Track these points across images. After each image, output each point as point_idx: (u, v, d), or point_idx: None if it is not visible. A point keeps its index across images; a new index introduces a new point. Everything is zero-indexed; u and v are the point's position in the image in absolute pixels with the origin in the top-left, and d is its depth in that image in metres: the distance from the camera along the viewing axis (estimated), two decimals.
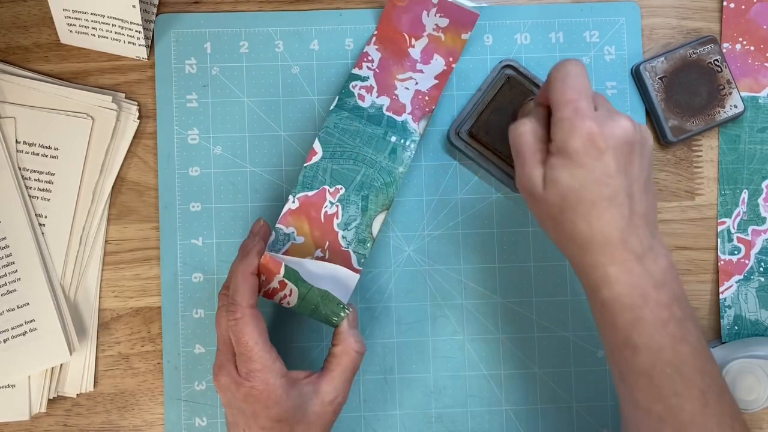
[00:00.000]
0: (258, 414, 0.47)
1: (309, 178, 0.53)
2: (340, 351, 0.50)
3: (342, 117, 0.54)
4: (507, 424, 0.58)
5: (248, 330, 0.47)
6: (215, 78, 0.58)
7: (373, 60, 0.56)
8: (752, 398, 0.55)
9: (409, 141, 0.54)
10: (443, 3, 0.56)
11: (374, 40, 0.57)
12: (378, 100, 0.55)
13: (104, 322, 0.58)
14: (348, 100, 0.54)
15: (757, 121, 0.60)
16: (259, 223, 0.53)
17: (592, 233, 0.44)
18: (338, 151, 0.53)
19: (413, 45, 0.57)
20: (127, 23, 0.54)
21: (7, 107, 0.56)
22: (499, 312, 0.58)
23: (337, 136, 0.54)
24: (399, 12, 0.56)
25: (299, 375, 0.49)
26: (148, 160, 0.58)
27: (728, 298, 0.59)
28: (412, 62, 0.57)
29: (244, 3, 0.59)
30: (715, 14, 0.60)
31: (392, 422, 0.58)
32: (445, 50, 0.57)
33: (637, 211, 0.45)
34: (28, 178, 0.56)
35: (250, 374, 0.47)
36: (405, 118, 0.55)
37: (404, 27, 0.57)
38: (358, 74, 0.55)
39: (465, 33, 0.57)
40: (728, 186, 0.60)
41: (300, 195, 0.53)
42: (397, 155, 0.54)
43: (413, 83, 0.56)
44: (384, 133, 0.54)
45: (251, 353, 0.47)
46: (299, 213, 0.53)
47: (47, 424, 0.57)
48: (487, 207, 0.59)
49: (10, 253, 0.55)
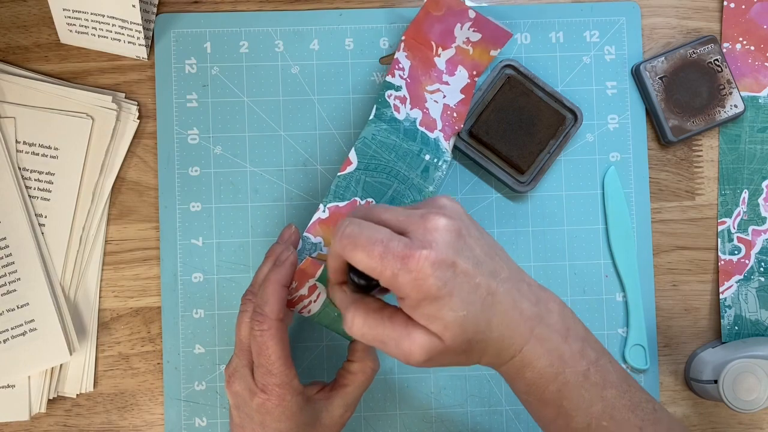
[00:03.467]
0: (267, 425, 0.47)
1: (341, 188, 0.52)
2: (358, 369, 0.50)
3: (380, 129, 0.53)
4: (507, 424, 0.58)
5: (273, 343, 0.46)
6: (215, 78, 0.58)
7: (404, 68, 0.55)
8: (752, 398, 0.55)
9: (442, 161, 0.54)
10: (479, 18, 0.55)
11: (403, 47, 0.56)
12: (411, 113, 0.54)
13: (104, 322, 0.58)
14: (385, 111, 0.53)
15: (757, 121, 0.60)
16: (290, 230, 0.52)
17: (500, 332, 0.42)
18: (373, 164, 0.52)
19: (439, 54, 0.56)
20: (127, 23, 0.54)
21: (7, 107, 0.56)
22: None
23: (373, 147, 0.52)
24: (432, 20, 0.55)
25: (312, 391, 0.49)
26: (148, 160, 0.58)
27: (728, 298, 0.59)
28: (438, 72, 0.56)
29: (244, 3, 0.59)
30: (715, 14, 0.60)
31: (392, 422, 0.58)
32: (471, 63, 0.56)
33: (506, 277, 0.42)
34: (28, 178, 0.56)
35: (267, 387, 0.46)
36: (437, 135, 0.54)
37: (434, 36, 0.56)
38: (392, 83, 0.54)
39: (494, 50, 0.56)
40: (728, 186, 0.60)
41: (331, 205, 0.51)
42: (429, 174, 0.53)
43: (441, 96, 0.55)
44: (419, 150, 0.53)
45: (273, 367, 0.46)
46: (328, 223, 0.51)
47: (47, 424, 0.57)
48: (487, 207, 0.59)
49: (10, 253, 0.55)
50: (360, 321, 0.42)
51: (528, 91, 0.57)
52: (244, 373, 0.47)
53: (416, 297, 0.39)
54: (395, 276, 0.39)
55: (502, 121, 0.57)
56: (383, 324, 0.41)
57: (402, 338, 0.41)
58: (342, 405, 0.49)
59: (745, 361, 0.55)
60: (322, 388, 0.50)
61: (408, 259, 0.39)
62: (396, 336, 0.41)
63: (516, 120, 0.57)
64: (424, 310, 0.40)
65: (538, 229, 0.59)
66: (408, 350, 0.41)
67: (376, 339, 0.41)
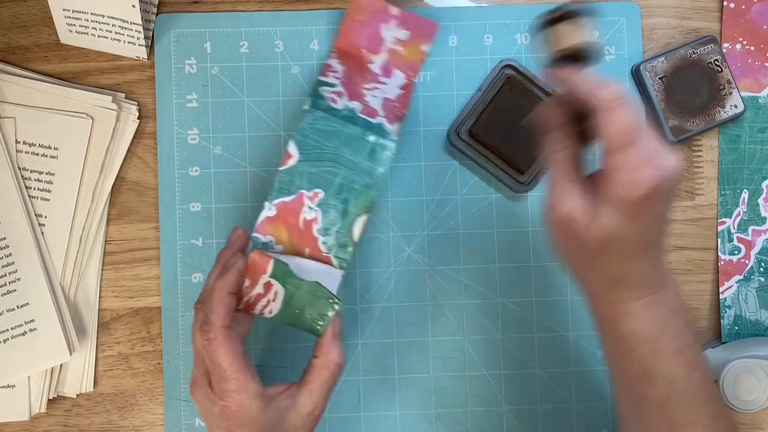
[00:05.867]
0: (232, 430, 0.47)
1: (285, 183, 0.51)
2: (320, 364, 0.49)
3: (317, 117, 0.51)
4: (507, 424, 0.58)
5: (222, 351, 0.46)
6: (215, 78, 0.58)
7: (337, 71, 0.55)
8: (752, 398, 0.55)
9: (388, 140, 0.52)
10: (404, 14, 0.55)
11: (335, 55, 0.56)
12: (350, 104, 0.53)
13: (104, 322, 0.58)
14: (321, 102, 0.52)
15: (757, 121, 0.60)
16: (237, 232, 0.51)
17: (623, 274, 0.44)
18: (315, 154, 0.51)
19: (372, 61, 0.56)
20: (127, 23, 0.54)
21: (7, 107, 0.56)
22: (499, 312, 0.58)
23: (313, 137, 0.51)
24: (357, 27, 0.55)
25: (276, 390, 0.48)
26: (148, 160, 0.58)
27: (728, 298, 0.59)
28: (373, 75, 0.56)
29: (244, 3, 0.59)
30: (715, 14, 0.60)
31: (392, 422, 0.58)
32: (405, 64, 0.56)
33: (663, 247, 0.44)
34: (28, 178, 0.56)
35: (225, 394, 0.46)
36: (379, 120, 0.53)
37: (363, 42, 0.55)
38: (325, 81, 0.54)
39: (425, 45, 0.56)
40: (728, 186, 0.60)
41: (277, 201, 0.51)
42: (376, 155, 0.52)
43: (380, 92, 0.55)
44: (362, 132, 0.52)
45: (225, 374, 0.46)
46: (277, 220, 0.51)
47: (47, 424, 0.57)
48: (487, 207, 0.59)
49: (10, 253, 0.55)
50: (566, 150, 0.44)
51: (528, 91, 0.57)
52: (202, 382, 0.48)
53: (618, 200, 0.41)
54: (629, 172, 0.40)
55: (502, 121, 0.57)
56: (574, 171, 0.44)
57: (572, 195, 0.43)
58: (309, 403, 0.48)
59: (745, 361, 0.55)
60: (288, 387, 0.49)
61: (643, 171, 0.40)
62: (569, 185, 0.43)
63: (516, 120, 0.57)
64: (609, 210, 0.41)
65: (538, 229, 0.59)
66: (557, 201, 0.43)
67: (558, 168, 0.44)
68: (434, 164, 0.59)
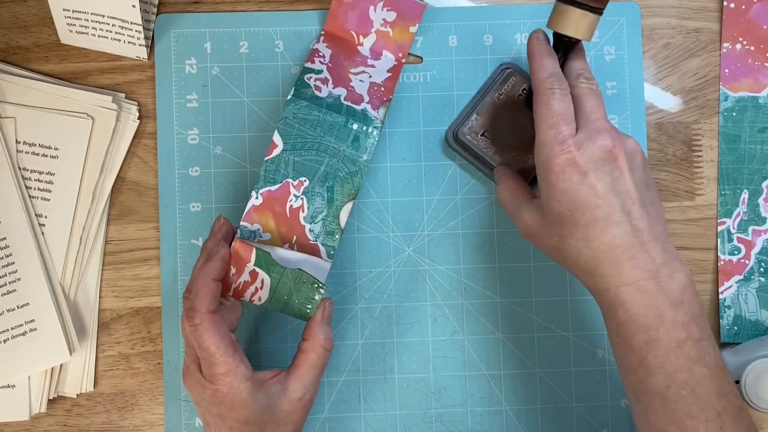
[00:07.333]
0: (224, 415, 0.47)
1: (271, 172, 0.52)
2: (308, 347, 0.50)
3: (300, 106, 0.52)
4: (507, 424, 0.58)
5: (208, 336, 0.46)
6: (215, 78, 0.58)
7: (324, 56, 0.55)
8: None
9: (371, 128, 0.53)
10: None
11: (322, 39, 0.56)
12: (335, 91, 0.54)
13: (104, 322, 0.58)
14: (305, 91, 0.53)
15: (757, 121, 0.60)
16: (219, 222, 0.51)
17: (596, 254, 0.45)
18: (299, 142, 0.52)
19: (362, 43, 0.57)
20: (127, 23, 0.54)
21: (7, 107, 0.56)
22: (499, 312, 0.58)
23: (296, 126, 0.52)
24: (345, 9, 0.56)
25: (266, 375, 0.49)
26: (148, 160, 0.58)
27: (728, 299, 0.59)
28: (362, 58, 0.56)
29: (244, 3, 0.59)
30: (715, 14, 0.60)
31: (392, 422, 0.58)
32: (394, 46, 0.57)
33: (641, 228, 0.45)
34: (28, 178, 0.56)
35: (214, 378, 0.47)
36: (364, 107, 0.54)
37: (351, 25, 0.56)
38: (311, 68, 0.54)
39: (413, 26, 0.57)
40: (728, 186, 0.60)
41: (263, 190, 0.52)
42: (360, 143, 0.52)
43: (367, 77, 0.56)
44: (345, 120, 0.52)
45: (213, 358, 0.46)
46: (263, 209, 0.52)
47: (47, 424, 0.57)
48: (487, 207, 0.59)
49: (10, 253, 0.55)
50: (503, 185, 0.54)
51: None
52: (193, 369, 0.48)
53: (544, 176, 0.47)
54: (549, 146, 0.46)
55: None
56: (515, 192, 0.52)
57: (520, 208, 0.51)
58: (299, 387, 0.49)
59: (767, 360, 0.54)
60: (277, 373, 0.49)
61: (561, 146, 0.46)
62: (516, 205, 0.51)
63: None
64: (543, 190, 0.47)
65: None
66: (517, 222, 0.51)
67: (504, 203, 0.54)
68: (434, 164, 0.59)
